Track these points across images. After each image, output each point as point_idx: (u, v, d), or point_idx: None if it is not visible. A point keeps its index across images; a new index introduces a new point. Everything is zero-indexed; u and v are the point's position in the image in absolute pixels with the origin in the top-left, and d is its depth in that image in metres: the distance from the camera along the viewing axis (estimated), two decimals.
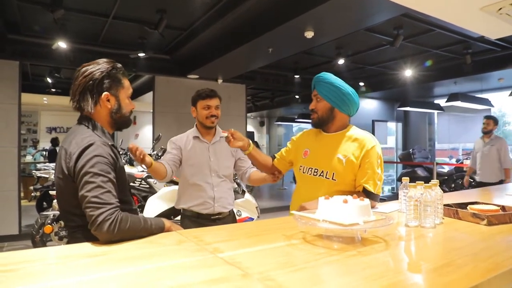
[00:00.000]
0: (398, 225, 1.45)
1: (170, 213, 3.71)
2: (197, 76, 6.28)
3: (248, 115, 11.48)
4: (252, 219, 3.85)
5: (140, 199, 4.40)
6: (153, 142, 5.01)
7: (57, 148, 7.83)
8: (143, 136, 11.08)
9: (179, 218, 2.36)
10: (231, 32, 4.58)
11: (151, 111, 6.45)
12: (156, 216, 3.08)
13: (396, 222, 1.47)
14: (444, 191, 1.57)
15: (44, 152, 9.33)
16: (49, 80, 7.30)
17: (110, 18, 4.39)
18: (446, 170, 7.71)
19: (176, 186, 2.89)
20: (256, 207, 4.02)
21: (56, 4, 3.65)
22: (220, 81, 6.64)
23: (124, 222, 1.20)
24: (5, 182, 4.99)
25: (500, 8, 1.81)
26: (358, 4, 3.46)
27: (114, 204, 1.22)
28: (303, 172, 1.85)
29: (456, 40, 5.25)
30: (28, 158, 9.43)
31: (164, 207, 3.77)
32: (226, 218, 2.30)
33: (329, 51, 5.81)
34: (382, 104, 9.31)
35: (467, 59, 5.61)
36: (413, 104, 8.00)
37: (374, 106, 9.14)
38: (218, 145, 2.30)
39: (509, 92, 6.62)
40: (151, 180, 4.47)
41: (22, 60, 5.17)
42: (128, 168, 4.44)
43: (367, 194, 1.67)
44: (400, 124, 9.90)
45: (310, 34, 4.05)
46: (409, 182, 1.52)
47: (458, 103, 6.86)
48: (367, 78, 7.75)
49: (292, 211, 1.39)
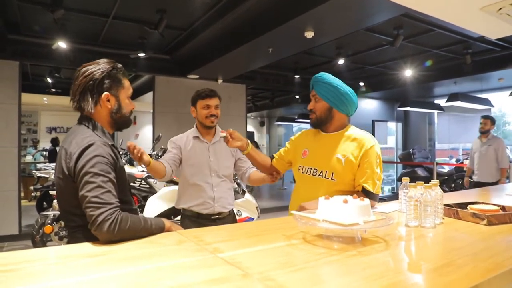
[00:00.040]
0: (398, 225, 1.45)
1: (170, 213, 3.72)
2: (197, 76, 6.28)
3: (248, 115, 11.49)
4: (252, 219, 3.85)
5: (140, 199, 4.40)
6: (153, 142, 5.01)
7: (57, 148, 7.83)
8: (143, 136, 11.07)
9: (179, 218, 2.36)
10: (231, 32, 4.58)
11: (151, 111, 6.46)
12: (156, 216, 3.08)
13: (396, 222, 1.47)
14: (444, 191, 1.57)
15: (44, 152, 9.33)
16: (49, 80, 7.30)
17: (110, 18, 4.39)
18: (446, 170, 7.71)
19: (176, 186, 2.89)
20: (256, 207, 4.02)
21: (56, 4, 3.65)
22: (220, 81, 6.63)
23: (124, 222, 1.20)
24: (5, 182, 5.00)
25: (500, 8, 1.81)
26: (358, 4, 3.46)
27: (114, 204, 1.22)
28: (302, 172, 1.85)
29: (456, 40, 5.25)
30: (28, 158, 9.42)
31: (164, 207, 3.77)
32: (226, 218, 2.31)
33: (329, 51, 5.80)
34: (382, 104, 9.30)
35: (467, 59, 5.60)
36: (413, 104, 8.00)
37: (374, 106, 9.14)
38: (218, 145, 2.30)
39: (509, 92, 6.62)
40: (151, 180, 4.47)
41: (22, 60, 5.17)
42: (128, 168, 4.44)
43: (366, 193, 1.67)
44: (400, 124, 9.90)
45: (310, 34, 4.05)
46: (409, 182, 1.52)
47: (458, 103, 6.86)
48: (367, 78, 7.75)
49: (292, 211, 1.39)
